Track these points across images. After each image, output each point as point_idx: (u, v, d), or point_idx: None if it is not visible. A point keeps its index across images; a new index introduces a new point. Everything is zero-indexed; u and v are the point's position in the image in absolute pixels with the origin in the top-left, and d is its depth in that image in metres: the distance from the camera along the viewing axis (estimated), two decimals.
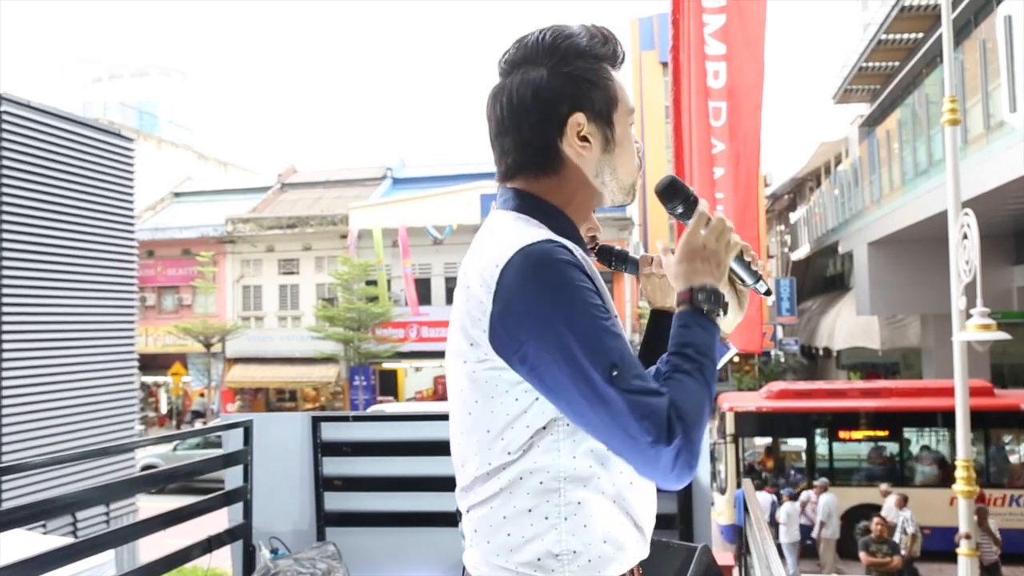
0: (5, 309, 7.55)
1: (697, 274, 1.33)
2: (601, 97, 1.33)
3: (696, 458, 1.18)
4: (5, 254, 7.58)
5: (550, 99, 1.31)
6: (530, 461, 1.26)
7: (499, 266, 1.23)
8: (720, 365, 1.51)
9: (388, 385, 28.47)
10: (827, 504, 12.24)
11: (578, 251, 1.28)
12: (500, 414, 1.27)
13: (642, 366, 1.22)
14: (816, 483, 12.79)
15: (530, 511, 1.26)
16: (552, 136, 1.32)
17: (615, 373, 1.16)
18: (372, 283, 26.19)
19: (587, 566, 1.27)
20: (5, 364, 7.51)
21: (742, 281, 1.47)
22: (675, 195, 1.37)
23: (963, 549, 6.79)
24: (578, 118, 1.31)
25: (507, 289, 1.21)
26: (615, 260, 1.77)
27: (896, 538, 11.02)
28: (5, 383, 7.48)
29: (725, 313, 1.34)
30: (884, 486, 12.59)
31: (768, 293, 1.50)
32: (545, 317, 1.19)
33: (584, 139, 1.33)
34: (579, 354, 1.17)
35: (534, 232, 1.26)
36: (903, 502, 11.72)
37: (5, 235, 7.60)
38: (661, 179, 1.36)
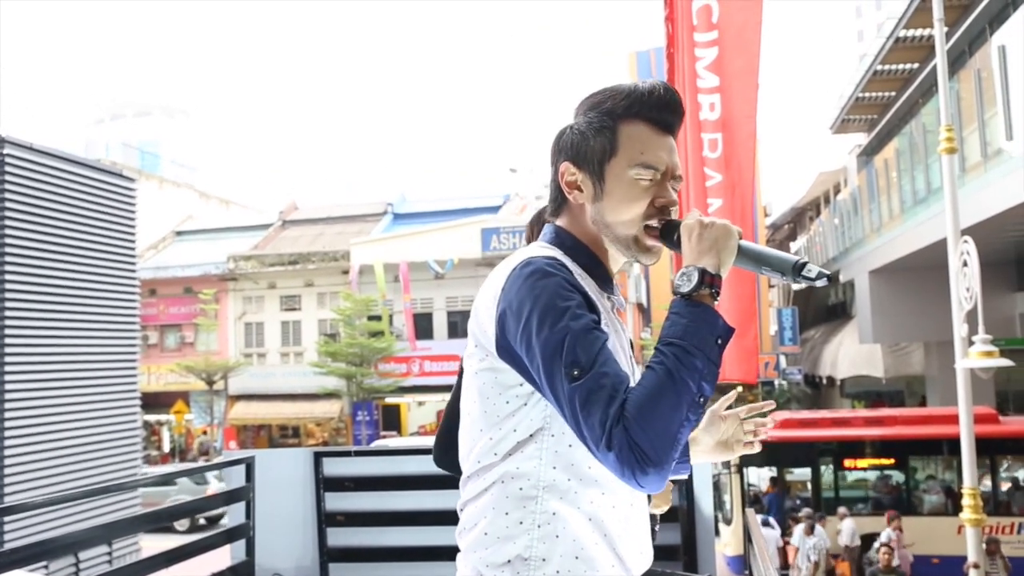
0: (8, 349, 7.56)
1: (684, 258, 1.33)
2: (593, 148, 1.41)
3: (645, 458, 1.16)
4: (8, 294, 7.61)
5: (555, 151, 1.48)
6: (512, 465, 1.34)
7: (506, 276, 1.35)
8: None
9: (391, 420, 28.36)
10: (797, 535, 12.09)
11: (579, 272, 1.39)
12: (492, 415, 1.36)
13: (619, 369, 1.24)
14: (799, 514, 12.63)
15: (507, 514, 1.33)
16: (557, 181, 1.48)
17: (576, 372, 1.22)
18: (374, 318, 26.20)
19: None
20: (8, 404, 7.50)
21: (780, 275, 1.33)
22: (671, 239, 1.38)
23: None
24: (567, 166, 1.44)
25: (506, 294, 1.32)
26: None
27: (800, 563, 11.12)
28: (7, 423, 7.47)
29: (716, 292, 1.28)
30: (842, 510, 12.55)
31: (825, 278, 1.31)
32: (530, 319, 1.27)
33: (578, 187, 1.44)
34: (553, 353, 1.24)
35: (539, 250, 1.39)
36: (810, 529, 11.74)
37: (8, 275, 7.63)
38: None
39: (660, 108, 1.41)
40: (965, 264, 6.46)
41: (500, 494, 1.34)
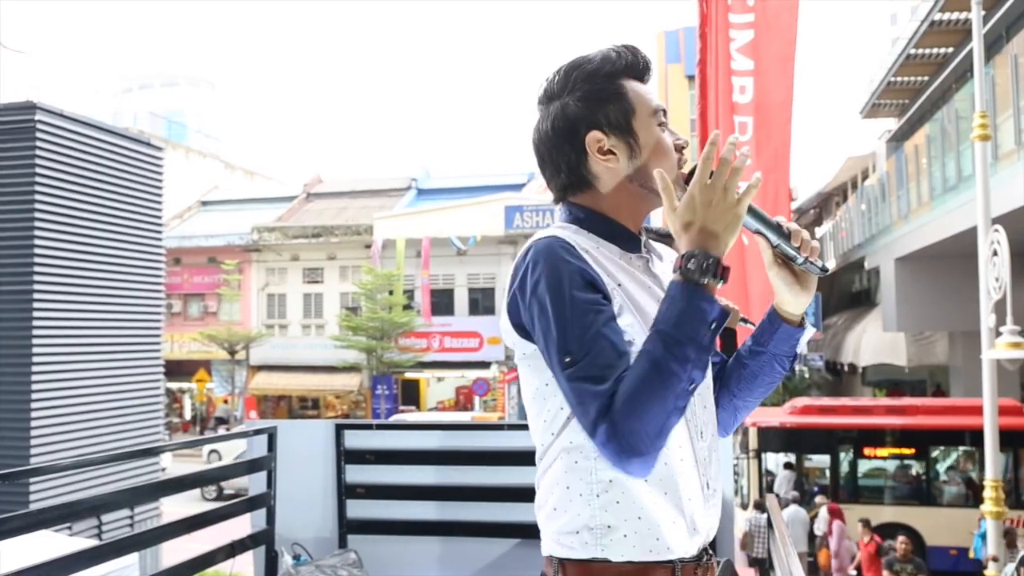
0: (36, 314, 7.66)
1: (689, 237, 1.30)
2: (615, 110, 1.42)
3: (629, 445, 1.22)
4: (37, 259, 7.70)
5: (567, 126, 1.43)
6: (566, 439, 1.36)
7: (515, 260, 1.39)
8: (803, 343, 1.55)
9: (410, 395, 28.53)
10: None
11: (594, 243, 1.41)
12: (539, 396, 1.40)
13: (610, 353, 1.27)
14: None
15: (568, 488, 1.37)
16: (578, 158, 1.43)
17: (567, 359, 1.27)
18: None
19: (622, 540, 1.33)
20: (35, 368, 7.61)
21: (792, 260, 1.42)
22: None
23: (991, 571, 6.69)
24: (595, 136, 1.42)
25: (518, 277, 1.36)
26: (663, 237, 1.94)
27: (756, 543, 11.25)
28: (35, 387, 7.58)
29: (724, 280, 1.27)
30: (819, 498, 12.52)
31: (824, 270, 1.43)
32: (537, 302, 1.32)
33: (609, 152, 1.42)
34: (552, 338, 1.29)
35: (554, 230, 1.40)
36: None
37: (37, 240, 7.71)
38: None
39: (644, 66, 1.47)
40: (995, 253, 6.38)
41: (560, 469, 1.37)
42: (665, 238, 2.37)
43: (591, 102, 1.42)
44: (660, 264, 1.52)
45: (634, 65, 1.45)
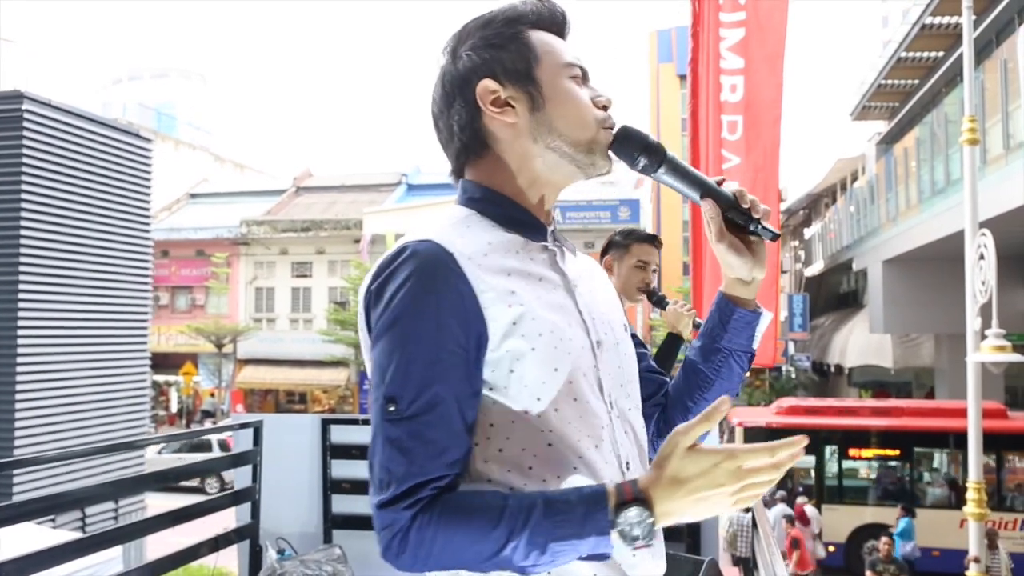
0: (22, 305, 7.61)
1: (658, 478, 1.01)
2: (512, 56, 1.19)
3: (416, 558, 1.02)
4: (23, 250, 7.65)
5: (455, 80, 1.21)
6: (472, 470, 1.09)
7: (378, 263, 1.15)
8: (759, 336, 1.36)
9: None
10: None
11: (491, 249, 1.14)
12: None
13: (448, 432, 1.04)
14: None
15: None
16: (471, 115, 1.20)
17: (391, 408, 1.04)
18: None
19: None
20: (20, 359, 7.56)
21: (742, 228, 1.24)
22: (628, 146, 1.20)
23: (972, 572, 6.72)
24: (487, 84, 1.18)
25: (382, 276, 1.12)
26: (657, 300, 3.03)
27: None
28: (20, 378, 7.53)
29: (646, 541, 0.99)
30: (800, 499, 12.64)
31: (775, 237, 1.25)
32: (390, 318, 1.08)
33: (506, 104, 1.18)
34: (384, 369, 1.06)
35: (432, 229, 1.15)
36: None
37: (24, 231, 7.66)
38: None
39: (560, 20, 1.25)
40: (982, 257, 6.40)
41: None
42: (659, 301, 3.06)
43: (483, 49, 1.20)
44: (573, 260, 1.25)
45: (544, 16, 1.23)
